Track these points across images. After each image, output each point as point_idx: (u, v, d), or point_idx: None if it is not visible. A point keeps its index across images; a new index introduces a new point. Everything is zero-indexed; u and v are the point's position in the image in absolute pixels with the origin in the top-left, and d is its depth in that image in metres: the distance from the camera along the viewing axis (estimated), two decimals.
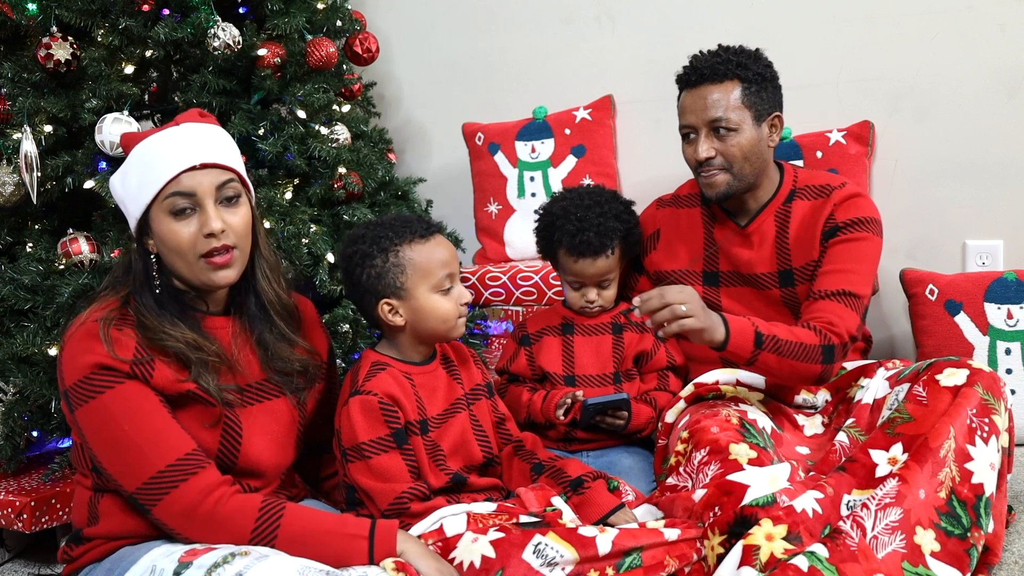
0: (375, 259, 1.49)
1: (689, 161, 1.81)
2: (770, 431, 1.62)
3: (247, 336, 1.41)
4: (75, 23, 1.85)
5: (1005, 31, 2.26)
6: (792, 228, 1.80)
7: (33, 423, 1.84)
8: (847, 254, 1.73)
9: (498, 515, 1.43)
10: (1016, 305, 2.07)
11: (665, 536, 1.39)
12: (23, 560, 1.89)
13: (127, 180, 1.34)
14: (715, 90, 1.73)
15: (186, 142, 1.32)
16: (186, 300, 1.37)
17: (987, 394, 1.48)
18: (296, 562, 1.17)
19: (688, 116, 1.77)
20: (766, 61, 1.79)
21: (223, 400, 1.33)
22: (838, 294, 1.69)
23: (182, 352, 1.29)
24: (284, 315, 1.45)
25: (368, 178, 2.23)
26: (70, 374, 1.26)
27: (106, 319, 1.28)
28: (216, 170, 1.33)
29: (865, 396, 1.66)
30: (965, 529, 1.38)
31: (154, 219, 1.31)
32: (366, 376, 1.48)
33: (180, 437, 1.28)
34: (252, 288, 1.42)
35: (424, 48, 2.86)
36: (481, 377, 1.66)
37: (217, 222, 1.30)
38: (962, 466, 1.42)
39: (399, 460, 1.45)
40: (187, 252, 1.31)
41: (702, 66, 1.75)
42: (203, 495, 1.25)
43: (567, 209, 1.84)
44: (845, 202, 1.76)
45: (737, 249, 1.85)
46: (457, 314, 1.52)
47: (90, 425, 1.26)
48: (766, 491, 1.40)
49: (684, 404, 1.77)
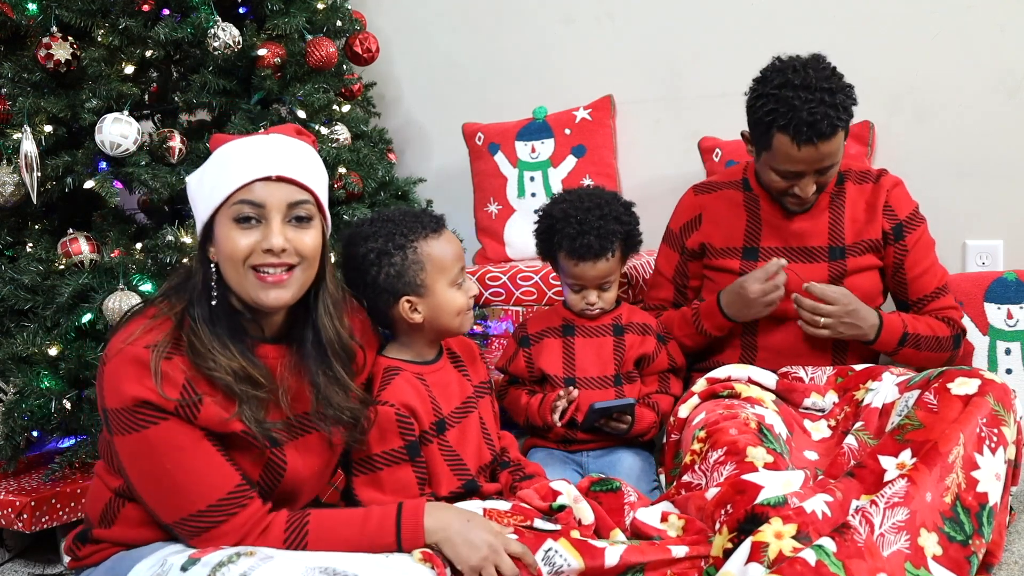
0: (393, 257, 1.47)
1: (779, 187, 1.81)
2: (786, 438, 1.63)
3: (298, 369, 1.34)
4: (75, 23, 1.85)
5: (1005, 31, 2.26)
6: (848, 208, 1.87)
7: (33, 423, 1.84)
8: (923, 252, 1.88)
9: (513, 515, 1.42)
10: (1016, 305, 2.07)
11: (672, 554, 1.39)
12: (23, 560, 1.89)
13: (203, 181, 1.28)
14: (829, 143, 1.71)
15: (268, 152, 1.27)
16: (241, 321, 1.31)
17: (998, 405, 1.48)
18: (300, 563, 1.16)
19: (799, 165, 1.74)
20: (850, 88, 1.76)
21: (271, 440, 1.28)
22: (940, 290, 1.89)
23: (230, 385, 1.23)
24: (342, 356, 1.37)
25: (368, 178, 2.23)
26: (111, 397, 1.21)
27: (159, 347, 1.21)
28: (292, 187, 1.26)
29: (874, 400, 1.66)
30: (967, 536, 1.39)
31: (219, 224, 1.26)
32: (381, 384, 1.47)
33: (223, 474, 1.24)
34: (312, 322, 1.35)
35: (424, 48, 2.86)
36: (486, 373, 1.66)
37: (279, 239, 1.24)
38: (969, 474, 1.42)
39: (410, 472, 1.45)
40: (239, 262, 1.24)
41: (819, 124, 1.67)
42: (241, 534, 1.23)
43: (567, 212, 1.83)
44: (894, 190, 1.88)
45: (789, 225, 1.88)
46: (468, 307, 1.53)
47: (129, 455, 1.23)
48: (779, 493, 1.40)
49: (698, 400, 1.77)
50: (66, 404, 1.78)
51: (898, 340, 1.81)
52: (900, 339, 1.81)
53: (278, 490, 1.33)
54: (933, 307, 1.88)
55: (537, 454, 1.88)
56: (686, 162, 2.52)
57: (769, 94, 1.72)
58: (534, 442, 1.93)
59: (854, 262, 1.85)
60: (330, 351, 1.35)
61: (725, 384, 1.76)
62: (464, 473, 1.50)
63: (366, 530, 1.26)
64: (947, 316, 1.87)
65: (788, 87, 1.69)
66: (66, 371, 1.78)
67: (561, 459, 1.86)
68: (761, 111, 1.73)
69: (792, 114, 1.67)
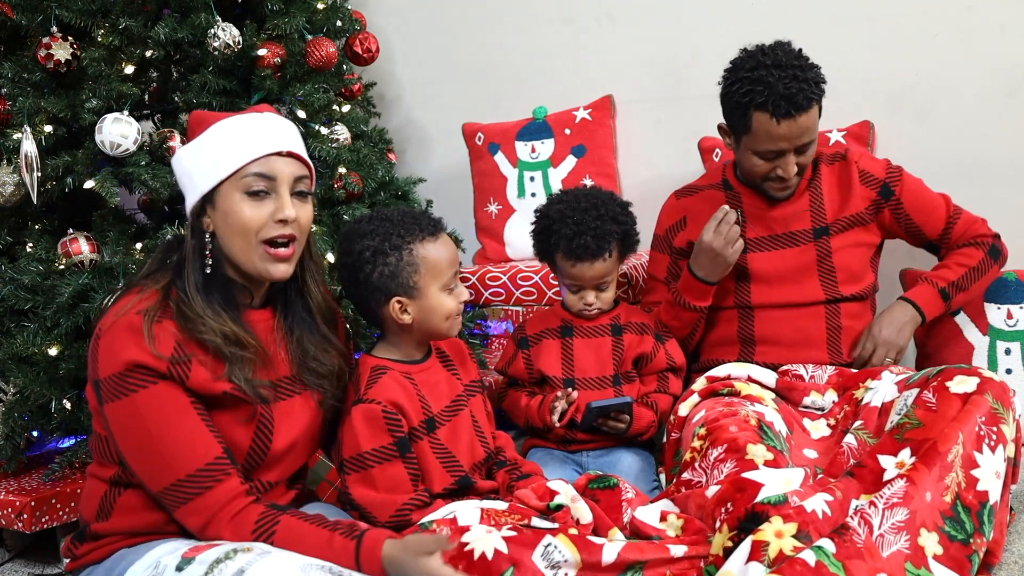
0: (388, 257, 1.48)
1: (761, 170, 1.85)
2: (786, 435, 1.63)
3: (284, 332, 1.42)
4: (75, 23, 1.85)
5: (1005, 31, 2.26)
6: (825, 188, 1.92)
7: (33, 423, 1.84)
8: (916, 192, 1.93)
9: (511, 514, 1.42)
10: (1016, 305, 2.07)
11: (671, 553, 1.39)
12: (23, 560, 1.89)
13: (200, 153, 1.32)
14: (808, 116, 1.77)
15: (274, 129, 1.34)
16: (233, 290, 1.36)
17: (997, 403, 1.48)
18: (298, 559, 1.17)
19: (781, 143, 1.79)
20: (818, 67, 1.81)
21: (260, 397, 1.33)
22: (953, 216, 1.94)
23: (219, 347, 1.29)
24: (329, 318, 1.47)
25: (368, 178, 2.23)
26: (105, 366, 1.25)
27: (149, 311, 1.26)
28: (298, 162, 1.35)
29: (873, 399, 1.66)
30: (968, 535, 1.39)
31: (224, 195, 1.31)
32: (368, 383, 1.48)
33: (206, 444, 1.27)
34: (300, 290, 1.43)
35: (424, 48, 2.86)
36: (476, 373, 1.66)
37: (291, 210, 1.31)
38: (968, 472, 1.42)
39: (401, 469, 1.45)
40: (251, 234, 1.30)
41: (796, 96, 1.74)
42: (215, 510, 1.26)
43: (563, 212, 1.83)
44: (862, 160, 1.94)
45: (772, 210, 1.92)
46: (457, 311, 1.53)
47: (118, 421, 1.26)
48: (779, 491, 1.40)
49: (698, 398, 1.77)
50: (66, 404, 1.78)
51: (943, 300, 1.91)
52: (942, 296, 1.90)
53: (270, 453, 1.36)
54: (956, 234, 1.94)
55: (537, 454, 1.89)
56: (686, 162, 2.52)
57: (743, 77, 1.78)
58: (534, 442, 1.93)
59: (838, 240, 1.89)
60: (316, 313, 1.44)
61: (725, 382, 1.77)
62: (457, 469, 1.51)
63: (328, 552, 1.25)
64: (971, 237, 1.93)
65: (761, 67, 1.76)
66: (66, 371, 1.79)
67: (561, 459, 1.86)
68: (737, 94, 1.79)
69: (768, 90, 1.73)
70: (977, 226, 1.94)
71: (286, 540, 1.25)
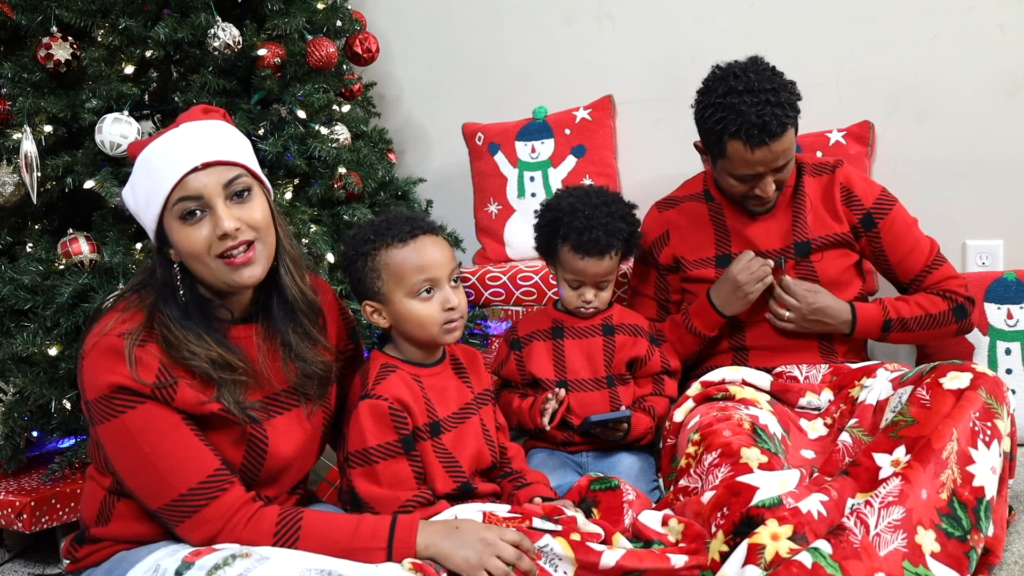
0: (356, 262, 1.49)
1: (739, 191, 1.83)
2: (780, 437, 1.63)
3: (272, 342, 1.38)
4: (75, 23, 1.85)
5: (1005, 31, 2.26)
6: (808, 201, 1.88)
7: (33, 423, 1.84)
8: (901, 233, 1.87)
9: (512, 517, 1.42)
10: (1016, 305, 2.07)
11: (671, 563, 1.38)
12: (23, 560, 1.89)
13: (136, 192, 1.30)
14: (781, 141, 1.73)
15: (186, 143, 1.28)
16: (211, 309, 1.33)
17: (990, 398, 1.48)
18: (297, 564, 1.17)
19: (756, 168, 1.77)
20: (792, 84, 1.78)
21: (248, 419, 1.30)
22: (932, 265, 1.87)
23: (207, 372, 1.27)
24: (309, 313, 1.41)
25: (368, 178, 2.23)
26: (91, 389, 1.24)
27: (132, 334, 1.24)
28: (220, 167, 1.28)
29: (868, 397, 1.66)
30: (965, 531, 1.39)
31: (168, 227, 1.28)
32: (376, 379, 1.47)
33: (202, 458, 1.26)
34: (275, 285, 1.38)
35: (424, 48, 2.86)
36: (489, 382, 1.65)
37: (229, 221, 1.26)
38: (964, 468, 1.42)
39: (406, 466, 1.45)
40: (203, 255, 1.27)
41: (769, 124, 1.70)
42: (225, 519, 1.25)
43: (575, 206, 1.82)
44: (851, 179, 1.89)
45: (753, 227, 1.90)
46: (441, 320, 1.47)
47: (111, 443, 1.25)
48: (774, 494, 1.40)
49: (693, 403, 1.77)
50: (66, 404, 1.78)
51: (880, 328, 1.84)
52: (883, 326, 1.84)
53: (264, 471, 1.34)
54: (929, 283, 1.87)
55: (537, 455, 1.88)
56: (686, 162, 2.51)
57: (715, 103, 1.75)
58: (534, 443, 1.93)
59: (819, 255, 1.87)
60: (296, 309, 1.39)
61: (719, 387, 1.77)
62: (459, 475, 1.50)
63: (358, 536, 1.27)
64: (944, 289, 1.86)
65: (732, 94, 1.72)
66: (66, 371, 1.79)
67: (561, 460, 1.86)
68: (710, 121, 1.76)
69: (741, 119, 1.70)
70: (955, 282, 1.86)
71: (312, 530, 1.25)
